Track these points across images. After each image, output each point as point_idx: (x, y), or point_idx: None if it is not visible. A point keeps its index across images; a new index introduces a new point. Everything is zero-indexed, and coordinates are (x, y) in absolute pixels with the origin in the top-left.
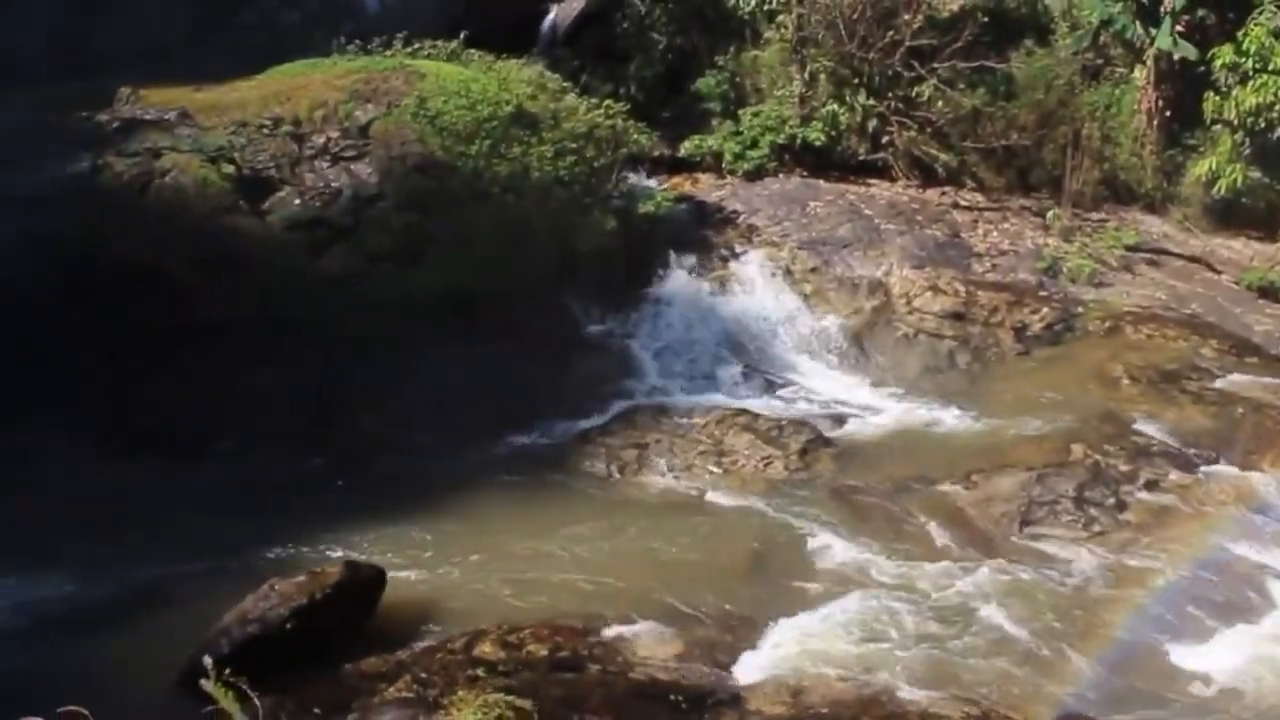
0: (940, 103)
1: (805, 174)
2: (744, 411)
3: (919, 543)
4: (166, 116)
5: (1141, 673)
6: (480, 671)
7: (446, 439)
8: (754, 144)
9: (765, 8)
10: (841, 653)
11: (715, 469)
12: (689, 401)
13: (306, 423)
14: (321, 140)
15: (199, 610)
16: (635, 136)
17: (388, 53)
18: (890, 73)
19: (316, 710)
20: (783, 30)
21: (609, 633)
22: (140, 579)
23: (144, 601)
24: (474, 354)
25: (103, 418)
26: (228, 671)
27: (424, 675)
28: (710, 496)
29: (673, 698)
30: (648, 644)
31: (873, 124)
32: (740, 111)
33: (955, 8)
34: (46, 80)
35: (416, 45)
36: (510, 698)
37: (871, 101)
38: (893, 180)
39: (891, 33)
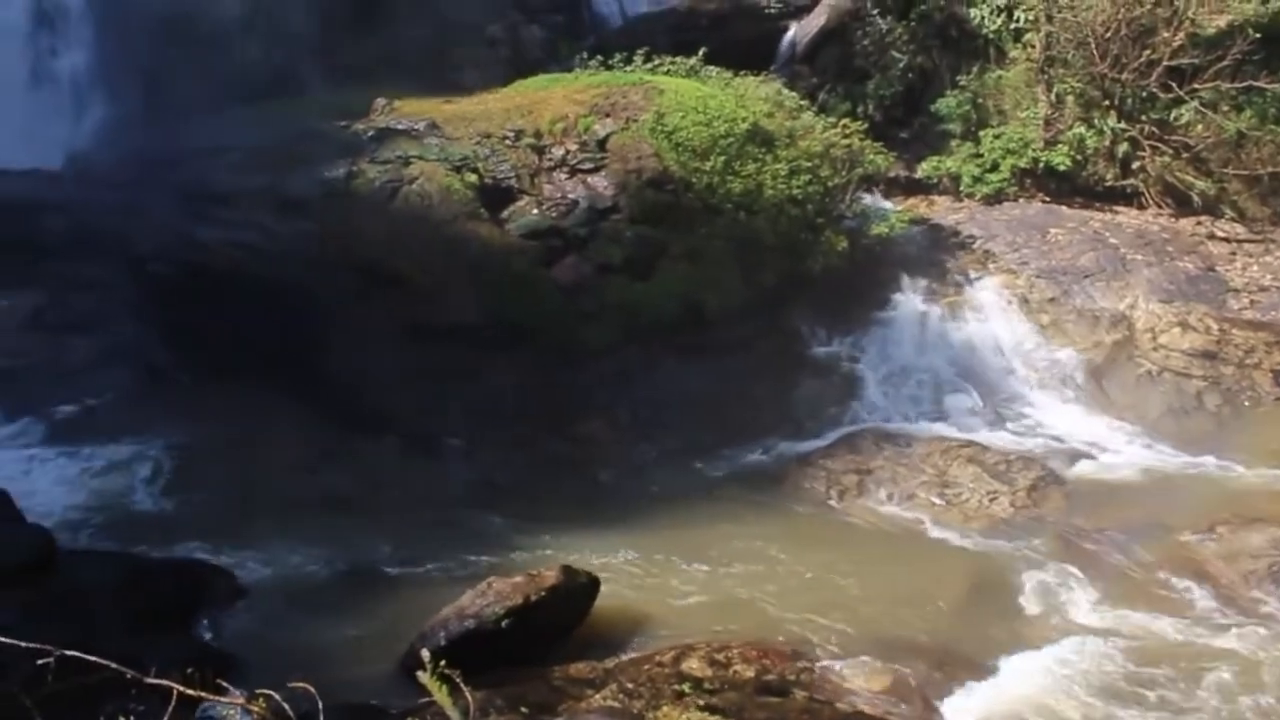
0: (1200, 126)
1: (1047, 199)
2: (971, 443)
3: (1151, 595)
4: (416, 127)
5: None
6: (686, 687)
7: (669, 451)
8: (994, 167)
9: (1012, 26)
10: (1057, 704)
11: (937, 501)
12: (914, 429)
13: (533, 426)
14: (560, 153)
15: (418, 599)
16: (871, 156)
17: (628, 68)
18: (1145, 94)
19: (524, 709)
20: (1029, 49)
21: (818, 659)
22: (367, 563)
23: (369, 585)
24: (700, 368)
25: (346, 409)
26: (443, 664)
27: (630, 685)
28: (930, 529)
29: None
30: (856, 674)
31: (1123, 148)
32: (981, 133)
33: (1222, 24)
34: (315, 91)
35: (656, 61)
36: (715, 717)
37: (1122, 124)
38: (1142, 208)
39: (1148, 52)
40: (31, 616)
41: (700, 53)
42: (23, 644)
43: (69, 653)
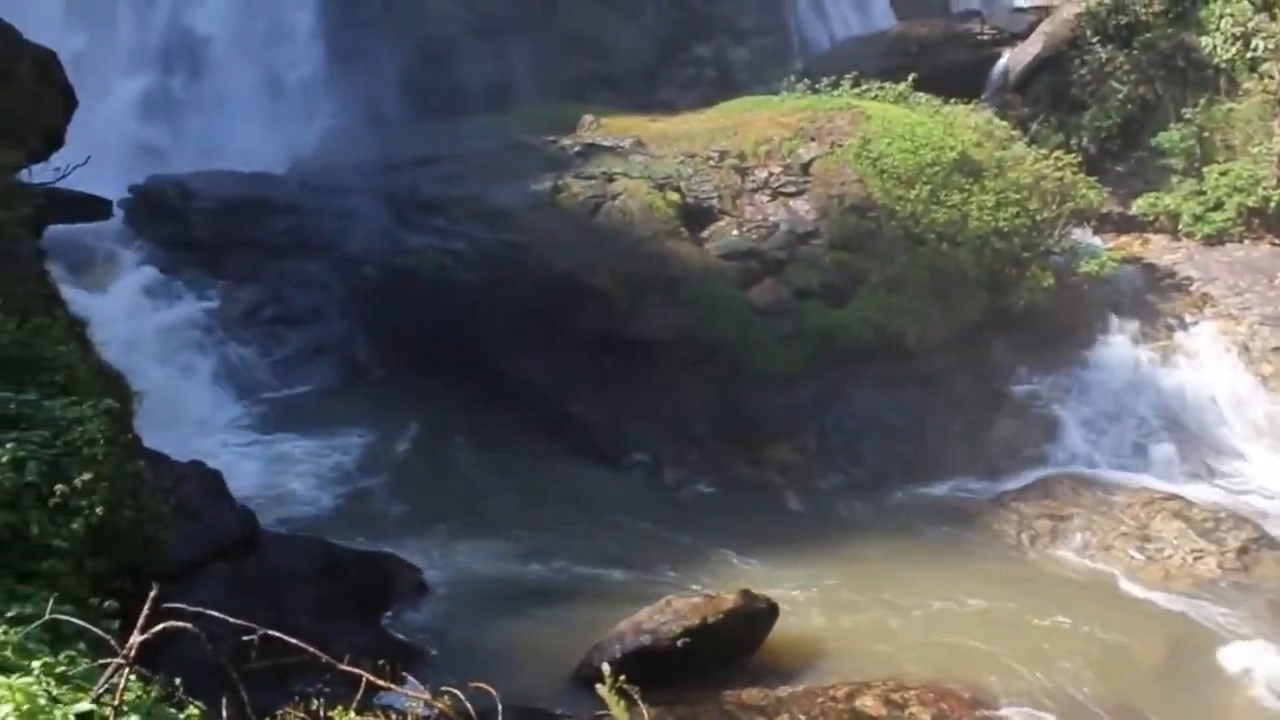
0: None
1: (1276, 242)
2: (1176, 497)
3: None
4: (622, 144)
5: None
6: None
7: (858, 481)
8: (1218, 205)
9: (1248, 55)
10: None
11: (1136, 555)
12: (1114, 477)
13: (720, 446)
14: (763, 175)
15: (595, 610)
16: (1084, 191)
17: (835, 92)
18: None
19: None
20: (1267, 80)
21: (998, 709)
22: (547, 570)
23: (548, 592)
24: (894, 399)
25: (537, 416)
26: (622, 678)
27: (802, 717)
28: (1126, 584)
29: None
30: None
31: None
32: (1205, 169)
33: None
34: (529, 104)
35: (864, 86)
36: None
37: None
38: None
39: None
40: (233, 593)
41: (910, 79)
42: (231, 620)
43: (271, 632)
